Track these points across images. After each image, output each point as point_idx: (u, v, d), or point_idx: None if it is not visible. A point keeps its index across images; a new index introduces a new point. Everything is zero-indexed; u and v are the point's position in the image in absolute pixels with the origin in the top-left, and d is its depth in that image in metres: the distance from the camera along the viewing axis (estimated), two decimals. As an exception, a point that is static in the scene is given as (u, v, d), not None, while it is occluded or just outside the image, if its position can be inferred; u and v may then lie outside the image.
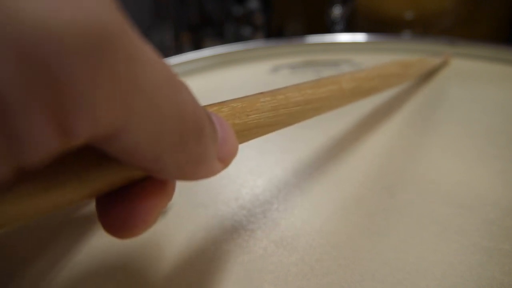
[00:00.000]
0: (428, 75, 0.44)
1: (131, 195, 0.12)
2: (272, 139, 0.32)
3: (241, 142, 0.15)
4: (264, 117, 0.16)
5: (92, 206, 0.24)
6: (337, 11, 0.79)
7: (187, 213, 0.23)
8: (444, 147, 0.30)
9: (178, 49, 1.09)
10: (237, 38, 1.11)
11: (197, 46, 1.14)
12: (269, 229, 0.22)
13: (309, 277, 0.19)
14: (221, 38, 1.15)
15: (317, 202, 0.24)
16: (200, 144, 0.12)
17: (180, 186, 0.14)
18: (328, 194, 0.25)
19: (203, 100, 0.13)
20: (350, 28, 0.80)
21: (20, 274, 0.20)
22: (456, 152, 0.29)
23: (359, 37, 0.54)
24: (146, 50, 0.10)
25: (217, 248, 0.21)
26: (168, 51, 1.05)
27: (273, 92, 0.18)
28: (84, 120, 0.08)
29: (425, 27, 0.75)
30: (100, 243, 0.21)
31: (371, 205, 0.23)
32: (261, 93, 0.17)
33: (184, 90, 0.11)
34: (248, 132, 0.16)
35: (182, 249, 0.21)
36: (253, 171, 0.27)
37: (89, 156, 0.11)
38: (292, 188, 0.25)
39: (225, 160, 0.13)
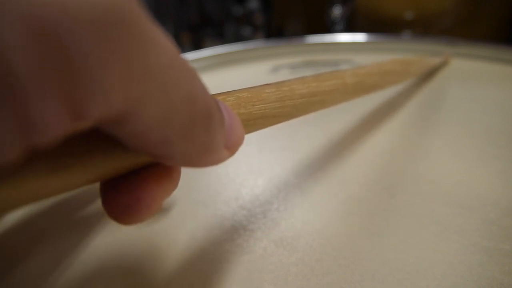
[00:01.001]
0: (428, 75, 0.44)
1: (136, 180, 0.12)
2: (272, 138, 0.32)
3: (246, 133, 0.15)
4: (270, 108, 0.16)
5: (91, 207, 0.24)
6: (337, 11, 0.79)
7: (187, 213, 0.23)
8: (444, 147, 0.30)
9: (178, 49, 1.09)
10: (237, 38, 1.11)
11: (197, 46, 1.14)
12: (269, 229, 0.22)
13: (309, 277, 0.19)
14: (221, 38, 1.15)
15: (317, 202, 0.24)
16: (209, 130, 0.12)
17: (181, 186, 0.14)
18: (328, 194, 0.25)
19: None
20: (350, 28, 0.80)
21: (20, 274, 0.20)
22: (456, 152, 0.29)
23: (359, 37, 0.54)
24: (158, 33, 0.10)
25: (217, 248, 0.21)
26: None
27: (278, 84, 0.18)
28: (96, 101, 0.08)
29: (425, 27, 0.75)
30: (100, 244, 0.21)
31: (371, 205, 0.23)
32: (267, 84, 0.17)
33: (194, 76, 0.11)
34: (253, 122, 0.16)
35: (182, 248, 0.21)
36: (253, 170, 0.27)
37: (97, 140, 0.11)
38: (292, 188, 0.25)
39: (232, 148, 0.13)
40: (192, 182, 0.26)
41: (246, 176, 0.27)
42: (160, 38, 0.10)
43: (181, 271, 0.19)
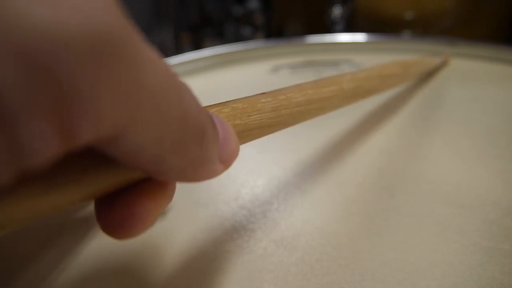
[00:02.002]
0: (428, 75, 0.44)
1: (130, 195, 0.12)
2: (272, 139, 0.32)
3: (242, 143, 0.15)
4: (266, 118, 0.16)
5: (92, 207, 0.24)
6: (337, 11, 0.79)
7: (187, 213, 0.23)
8: (444, 147, 0.30)
9: (178, 49, 1.09)
10: (237, 38, 1.11)
11: (197, 46, 1.14)
12: (269, 229, 0.22)
13: (309, 277, 0.19)
14: (221, 38, 1.15)
15: (317, 202, 0.24)
16: (202, 146, 0.12)
17: (180, 187, 0.14)
18: (328, 194, 0.25)
19: (203, 101, 0.13)
20: (350, 28, 0.80)
21: (20, 274, 0.20)
22: (456, 152, 0.29)
23: (359, 37, 0.54)
24: (149, 53, 0.10)
25: (217, 248, 0.21)
26: (168, 51, 1.05)
27: (274, 93, 0.18)
28: (87, 123, 0.08)
29: (425, 27, 0.75)
30: (100, 244, 0.21)
31: (371, 205, 0.23)
32: (262, 93, 0.17)
33: (186, 93, 0.11)
34: (249, 133, 0.16)
35: (182, 249, 0.21)
36: (253, 170, 0.27)
37: (89, 158, 0.11)
38: (292, 188, 0.25)
39: (227, 162, 0.13)
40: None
41: (246, 177, 0.27)
42: (152, 58, 0.10)
43: (181, 271, 0.19)
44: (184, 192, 0.25)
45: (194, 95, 0.12)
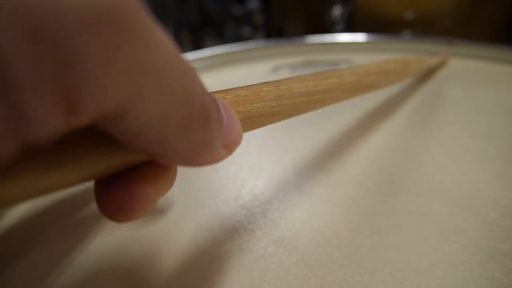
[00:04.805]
0: (427, 75, 0.44)
1: (131, 178, 0.12)
2: (272, 139, 0.32)
3: (244, 131, 0.15)
4: (268, 106, 0.16)
5: (92, 206, 0.24)
6: (337, 11, 0.79)
7: (187, 213, 0.23)
8: (444, 146, 0.30)
9: (178, 48, 1.09)
10: (237, 38, 1.11)
11: (197, 46, 1.14)
12: (269, 229, 0.22)
13: (309, 277, 0.19)
14: (221, 38, 1.15)
15: (317, 202, 0.24)
16: (206, 129, 0.11)
17: (181, 186, 0.14)
18: (328, 194, 0.25)
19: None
20: (350, 28, 0.80)
21: (19, 274, 0.20)
22: (455, 152, 0.29)
23: (359, 37, 0.54)
24: (157, 31, 0.09)
25: (217, 248, 0.21)
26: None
27: (276, 82, 0.18)
28: (91, 97, 0.08)
29: (424, 27, 0.75)
30: (99, 244, 0.21)
31: (371, 205, 0.23)
32: (265, 82, 0.17)
33: (193, 74, 0.11)
34: (251, 121, 0.16)
35: (182, 249, 0.21)
36: (253, 170, 0.27)
37: (92, 137, 0.10)
38: (292, 188, 0.25)
39: (230, 147, 0.13)
40: (192, 182, 0.26)
41: (246, 177, 0.27)
42: (159, 36, 0.09)
43: (181, 271, 0.19)
44: (184, 192, 0.25)
45: (200, 78, 0.11)
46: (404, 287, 0.18)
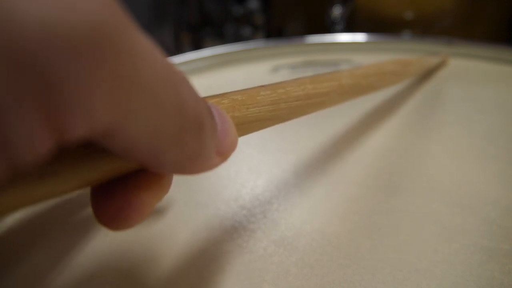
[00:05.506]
0: (427, 75, 0.44)
1: (127, 186, 0.12)
2: (272, 139, 0.32)
3: (240, 135, 0.15)
4: (264, 111, 0.16)
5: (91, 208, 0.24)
6: (337, 11, 0.79)
7: (187, 213, 0.23)
8: (444, 146, 0.30)
9: (178, 49, 1.09)
10: (237, 38, 1.11)
11: (197, 46, 1.14)
12: (269, 229, 0.22)
13: (309, 277, 0.19)
14: (221, 38, 1.15)
15: (317, 202, 0.24)
16: (200, 139, 0.11)
17: (180, 186, 0.14)
18: (328, 194, 0.25)
19: (203, 100, 0.13)
20: (350, 28, 0.80)
21: (19, 274, 0.20)
22: (456, 152, 0.29)
23: (359, 37, 0.54)
24: (145, 45, 0.09)
25: (217, 248, 0.21)
26: (168, 51, 1.05)
27: (273, 86, 0.18)
28: (79, 119, 0.08)
29: (424, 27, 0.75)
30: (99, 244, 0.21)
31: (371, 205, 0.23)
32: (262, 86, 0.17)
33: (184, 85, 0.11)
34: (248, 125, 0.15)
35: (182, 249, 0.21)
36: (253, 171, 0.27)
37: (85, 146, 0.10)
38: (292, 188, 0.25)
39: (224, 154, 0.13)
40: (192, 182, 0.26)
41: (246, 177, 0.27)
42: (147, 49, 0.09)
43: (181, 272, 0.19)
44: (184, 192, 0.25)
45: (192, 86, 0.11)
46: (404, 287, 0.18)
